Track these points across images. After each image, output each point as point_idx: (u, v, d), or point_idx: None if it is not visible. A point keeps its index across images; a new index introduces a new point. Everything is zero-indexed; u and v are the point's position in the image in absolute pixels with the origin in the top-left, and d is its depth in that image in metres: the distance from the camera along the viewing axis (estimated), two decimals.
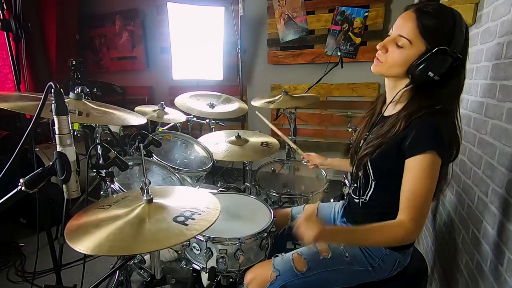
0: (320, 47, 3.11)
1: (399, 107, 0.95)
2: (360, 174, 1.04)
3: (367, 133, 1.03)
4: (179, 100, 2.08)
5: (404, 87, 0.91)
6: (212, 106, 2.14)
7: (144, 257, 1.38)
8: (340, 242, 0.99)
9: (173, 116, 2.01)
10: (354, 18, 2.87)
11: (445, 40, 0.81)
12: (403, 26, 0.86)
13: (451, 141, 0.87)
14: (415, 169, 0.85)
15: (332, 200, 1.36)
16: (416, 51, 0.85)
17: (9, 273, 1.93)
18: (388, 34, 0.92)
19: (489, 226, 0.95)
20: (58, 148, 0.71)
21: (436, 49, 0.81)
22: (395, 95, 0.94)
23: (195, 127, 2.35)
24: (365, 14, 2.83)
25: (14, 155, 0.73)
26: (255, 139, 1.84)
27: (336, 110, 3.21)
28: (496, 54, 1.00)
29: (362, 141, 1.03)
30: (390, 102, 0.96)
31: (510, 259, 0.82)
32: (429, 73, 0.82)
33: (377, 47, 0.92)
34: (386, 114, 1.01)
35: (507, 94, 0.90)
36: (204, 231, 0.78)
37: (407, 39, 0.85)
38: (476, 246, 1.03)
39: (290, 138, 2.18)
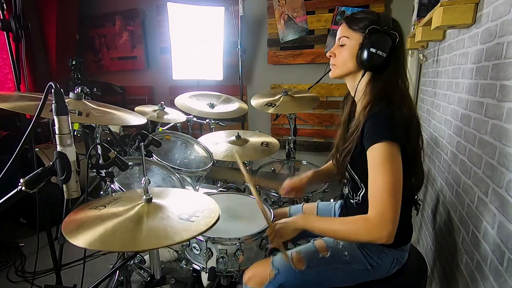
0: (320, 47, 3.11)
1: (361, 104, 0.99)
2: (346, 176, 1.08)
3: (345, 134, 1.07)
4: (179, 100, 2.08)
5: (361, 78, 0.99)
6: (212, 106, 2.14)
7: (144, 257, 1.39)
8: (312, 227, 0.99)
9: (173, 116, 2.01)
10: None
11: (373, 23, 0.93)
12: (339, 32, 1.01)
13: (404, 125, 0.89)
14: (370, 162, 0.88)
15: (332, 200, 1.36)
16: (355, 42, 0.96)
17: (9, 273, 1.93)
18: None
19: (489, 226, 0.95)
20: (58, 148, 0.71)
21: (368, 29, 0.92)
22: (356, 89, 1.01)
23: (195, 127, 2.34)
24: None
25: (14, 155, 0.73)
26: (255, 139, 1.84)
27: (336, 110, 3.22)
28: (496, 54, 1.00)
29: (341, 143, 1.07)
30: (358, 100, 1.04)
31: (510, 259, 0.82)
32: (371, 49, 0.91)
33: (327, 55, 1.05)
34: (356, 112, 1.06)
35: (507, 94, 0.90)
36: (212, 226, 0.79)
37: (345, 37, 0.98)
38: (476, 246, 1.03)
39: (290, 138, 2.18)
